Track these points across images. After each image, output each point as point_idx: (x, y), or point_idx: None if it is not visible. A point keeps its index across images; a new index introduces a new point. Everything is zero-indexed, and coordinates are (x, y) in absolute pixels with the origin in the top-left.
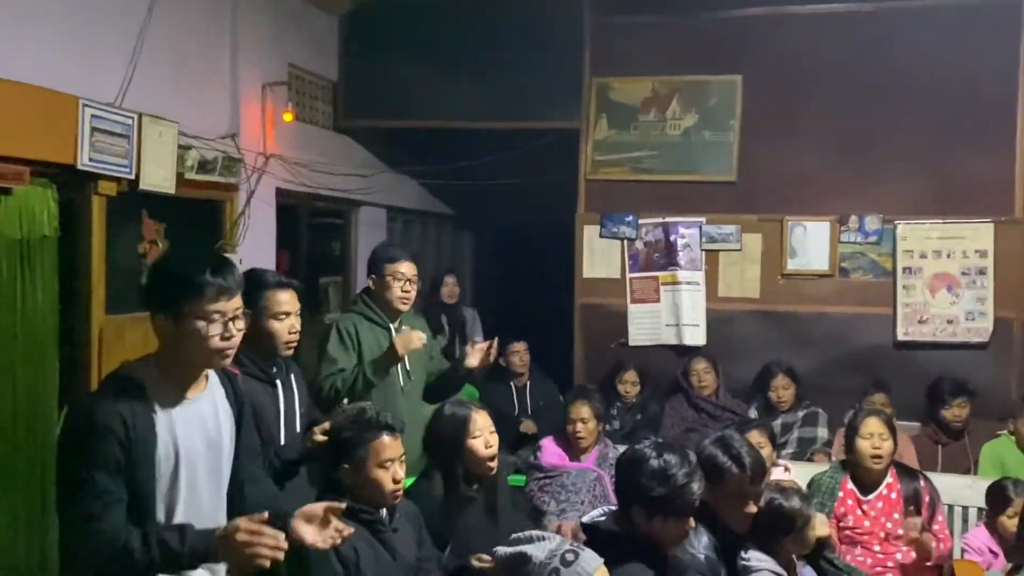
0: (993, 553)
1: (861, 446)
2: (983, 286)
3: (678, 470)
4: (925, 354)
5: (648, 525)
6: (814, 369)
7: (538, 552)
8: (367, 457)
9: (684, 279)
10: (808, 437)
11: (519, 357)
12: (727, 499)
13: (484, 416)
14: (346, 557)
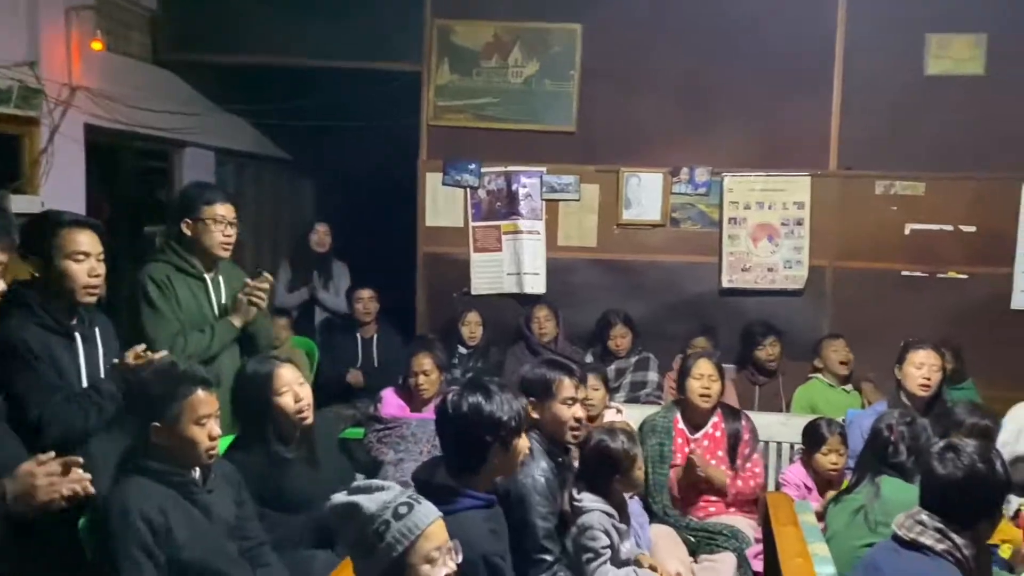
0: (807, 488)
1: (692, 386)
2: (800, 236)
3: (505, 392)
4: (747, 300)
5: (505, 455)
6: (646, 315)
7: (370, 504)
8: (181, 414)
9: (525, 228)
10: (639, 381)
11: (363, 305)
12: (559, 407)
13: (290, 369)
14: (154, 521)
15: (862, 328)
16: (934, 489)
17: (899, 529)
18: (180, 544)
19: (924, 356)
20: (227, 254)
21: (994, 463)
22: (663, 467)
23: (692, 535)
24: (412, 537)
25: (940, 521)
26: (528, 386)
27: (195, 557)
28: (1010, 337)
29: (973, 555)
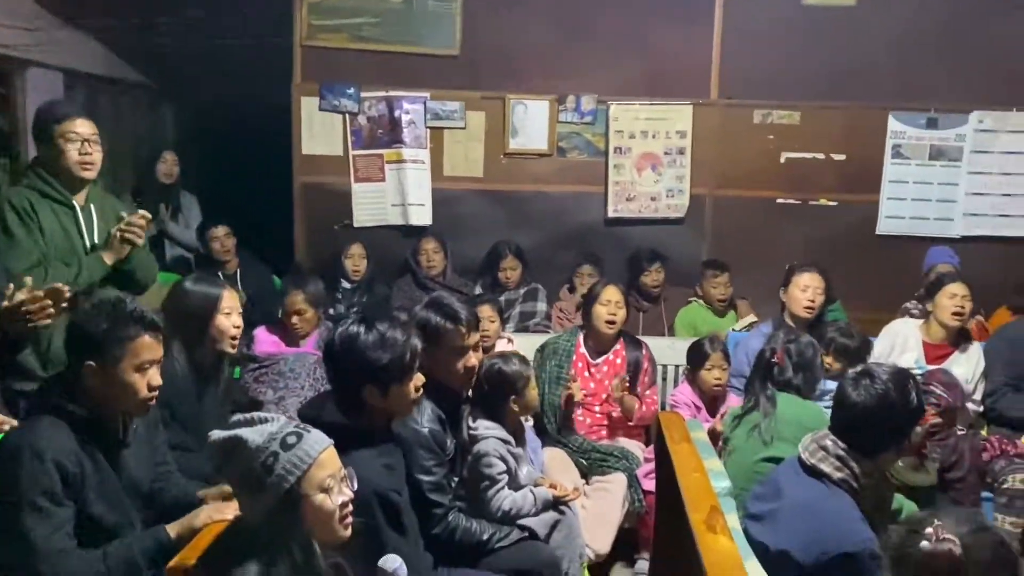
0: (697, 407)
1: (598, 312)
2: (682, 165)
3: (393, 332)
4: (631, 230)
5: (383, 400)
6: (533, 246)
7: (255, 436)
8: (123, 357)
9: (409, 157)
10: (529, 311)
11: (220, 243)
12: (448, 356)
13: (233, 294)
14: (68, 469)
15: (739, 254)
16: (844, 414)
17: (803, 452)
18: (87, 499)
19: (809, 279)
20: (89, 174)
21: (909, 392)
22: (558, 389)
23: (584, 458)
24: (304, 467)
25: (844, 448)
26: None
27: (97, 514)
28: (875, 261)
29: (871, 485)
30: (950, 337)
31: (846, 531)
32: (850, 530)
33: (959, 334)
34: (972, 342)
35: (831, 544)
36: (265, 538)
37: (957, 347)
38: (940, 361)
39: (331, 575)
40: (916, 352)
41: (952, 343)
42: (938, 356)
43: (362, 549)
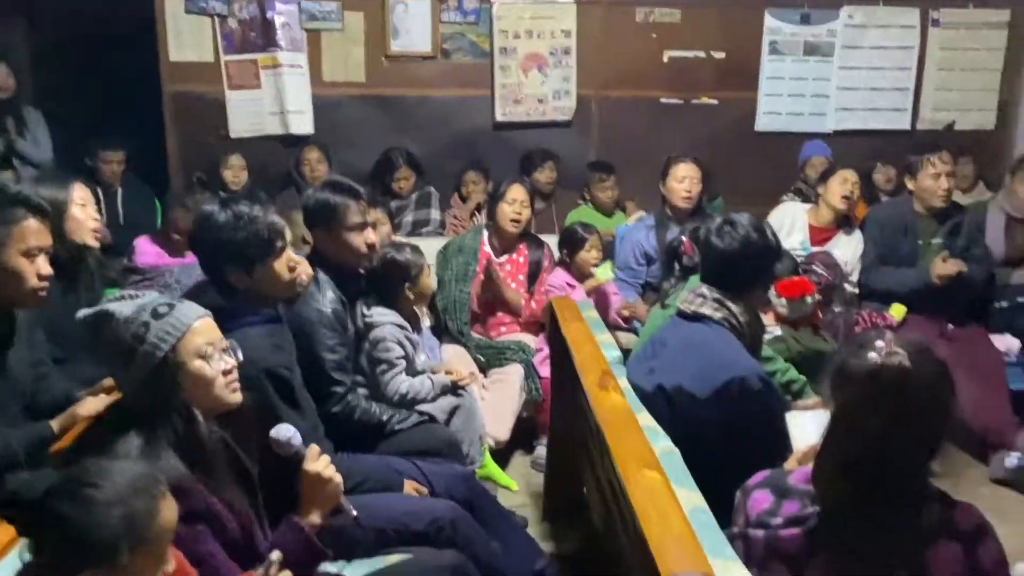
0: (571, 286)
1: (504, 210)
2: (568, 66)
3: (248, 209)
4: (520, 133)
5: (250, 280)
6: (421, 152)
7: (124, 308)
8: (7, 242)
9: (286, 62)
10: (422, 219)
11: (111, 169)
12: (349, 233)
13: (85, 188)
14: None
15: (626, 155)
16: (714, 262)
17: (682, 304)
18: None
19: (685, 169)
20: None
21: (766, 232)
22: (466, 285)
23: (481, 354)
24: (177, 334)
25: (718, 292)
26: (311, 214)
27: None
28: (755, 157)
29: (747, 321)
30: (835, 220)
31: (734, 359)
32: (737, 358)
33: (844, 218)
34: (855, 227)
35: (723, 371)
36: (145, 410)
37: (841, 230)
38: (824, 243)
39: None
40: (802, 234)
41: (836, 226)
42: (822, 239)
43: (256, 429)
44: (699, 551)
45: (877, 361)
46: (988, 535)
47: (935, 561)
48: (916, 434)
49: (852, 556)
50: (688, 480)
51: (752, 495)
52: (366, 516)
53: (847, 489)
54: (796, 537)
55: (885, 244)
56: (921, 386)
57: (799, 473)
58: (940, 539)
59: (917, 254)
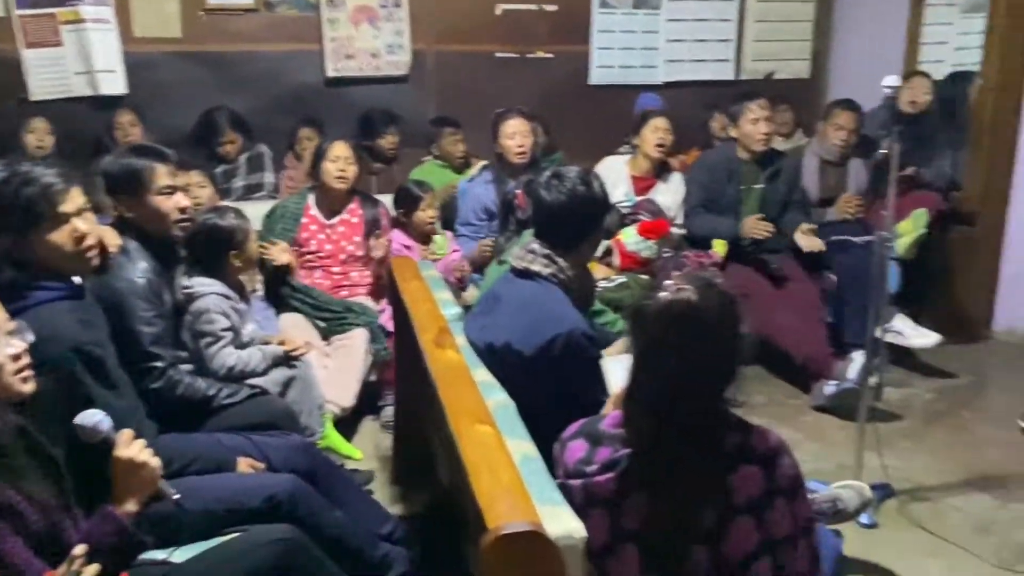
0: (407, 247)
1: (328, 169)
2: (400, 19)
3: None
4: (354, 89)
5: (31, 251)
6: (249, 111)
7: None
8: None
9: (89, 16)
10: (255, 183)
11: None
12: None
13: None
14: None
15: (464, 110)
16: (543, 215)
17: (513, 261)
18: None
19: (514, 125)
20: None
21: (593, 185)
22: None
23: (320, 318)
24: None
25: (548, 247)
26: (114, 181)
27: None
28: (589, 111)
29: (576, 275)
30: (654, 169)
31: (560, 315)
32: (563, 314)
33: (661, 166)
34: (672, 172)
35: (548, 329)
36: None
37: (660, 178)
38: (646, 192)
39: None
40: (626, 186)
41: (655, 175)
42: (644, 188)
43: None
44: (527, 501)
45: (667, 297)
46: (783, 454)
47: (737, 484)
48: (710, 365)
49: (663, 491)
50: (521, 431)
51: (568, 446)
52: (195, 498)
53: (652, 426)
54: (610, 481)
55: (711, 188)
56: (709, 317)
57: (610, 418)
58: (741, 463)
59: (740, 199)
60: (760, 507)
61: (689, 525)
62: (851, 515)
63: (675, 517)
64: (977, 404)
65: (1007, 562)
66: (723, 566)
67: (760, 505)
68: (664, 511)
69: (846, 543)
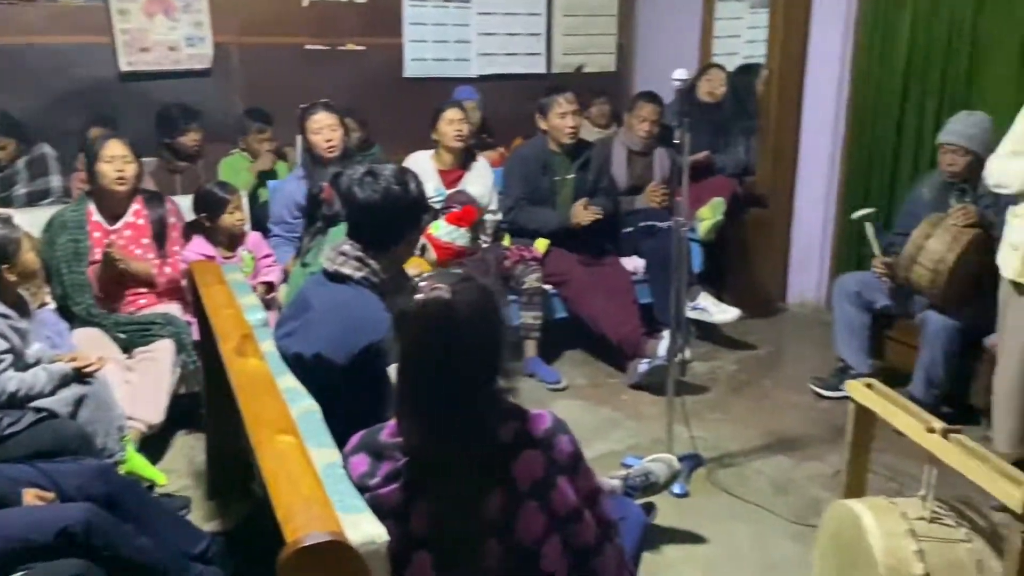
0: (209, 256)
1: (104, 171)
2: (199, 11)
3: None
4: (152, 84)
5: None
6: (31, 108)
7: None
8: None
9: None
10: (40, 190)
11: None
12: None
13: None
14: None
15: (273, 105)
16: (356, 215)
17: (325, 263)
18: None
19: (321, 119)
20: None
21: (408, 184)
22: (80, 265)
23: (122, 332)
24: None
25: (360, 249)
26: None
27: None
28: (406, 104)
29: (391, 278)
30: (458, 160)
31: (372, 322)
32: (376, 320)
33: (465, 155)
34: (477, 159)
35: (360, 337)
36: None
37: (467, 168)
38: (455, 184)
39: None
40: (435, 181)
41: (461, 166)
42: (453, 180)
43: None
44: (329, 510)
45: (421, 298)
46: (559, 434)
47: (520, 471)
48: (472, 361)
49: (445, 492)
50: (325, 438)
51: (350, 461)
52: None
53: (423, 430)
54: (394, 492)
55: (527, 181)
56: (465, 314)
57: (388, 428)
58: (522, 450)
59: (555, 189)
60: (544, 489)
61: (476, 520)
62: (663, 487)
63: (462, 516)
64: (775, 372)
65: (802, 517)
66: (515, 553)
67: (544, 487)
68: (450, 512)
69: (660, 513)
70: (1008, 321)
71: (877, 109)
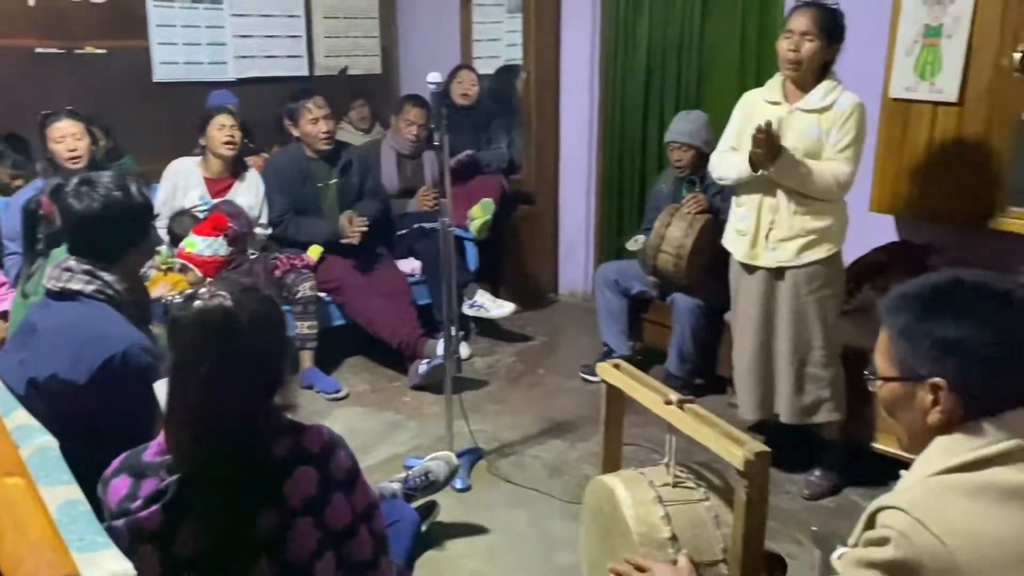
0: None
1: None
2: None
3: None
4: None
5: None
6: None
7: None
8: None
9: None
10: None
11: None
12: None
13: None
14: None
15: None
16: (76, 227)
17: (47, 283)
18: None
19: (64, 127)
20: None
21: (130, 189)
22: None
23: None
24: None
25: (88, 263)
26: None
27: None
28: (157, 110)
29: (126, 288)
30: (228, 168)
31: (112, 334)
32: (116, 332)
33: (236, 164)
34: (249, 170)
35: (97, 352)
36: None
37: (238, 178)
38: (223, 193)
39: None
40: (200, 189)
41: (232, 174)
42: (221, 189)
43: None
44: (62, 553)
45: (201, 305)
46: (337, 449)
47: (293, 488)
48: (250, 372)
49: (215, 511)
50: (63, 475)
51: (110, 485)
52: None
53: (194, 445)
54: (155, 514)
55: (287, 191)
56: (245, 323)
57: (153, 446)
58: (296, 466)
59: (319, 196)
60: (318, 505)
61: (247, 539)
62: (443, 484)
63: (232, 535)
64: (549, 361)
65: (576, 496)
66: (287, 571)
67: (318, 503)
68: (219, 531)
69: (443, 509)
70: (740, 300)
71: (625, 109)
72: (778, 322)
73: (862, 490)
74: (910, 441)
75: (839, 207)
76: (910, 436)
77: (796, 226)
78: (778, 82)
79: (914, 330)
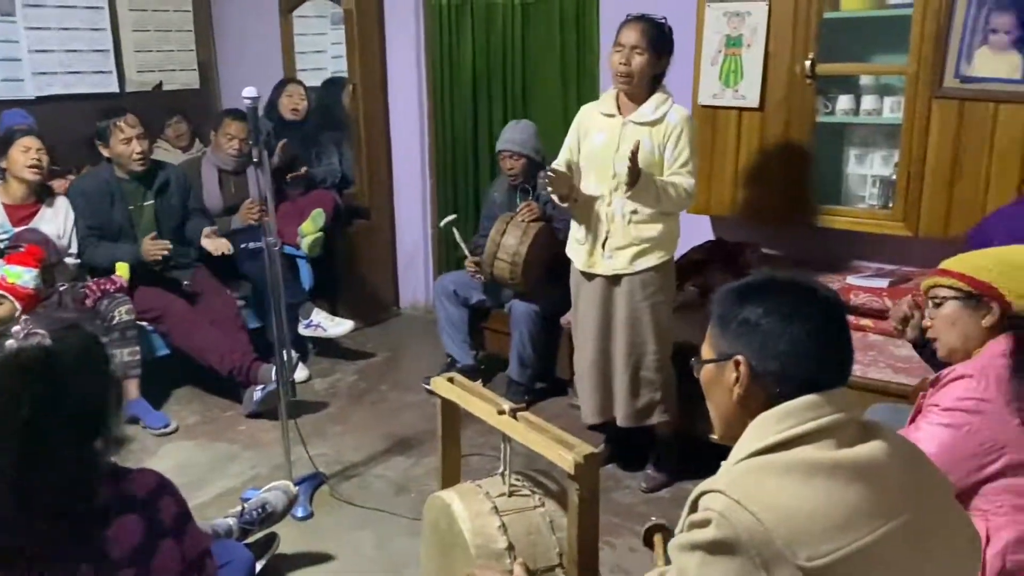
0: None
1: None
2: None
3: None
4: None
5: None
6: None
7: None
8: None
9: None
10: None
11: None
12: None
13: None
14: None
15: None
16: None
17: None
18: None
19: None
20: None
21: None
22: None
23: None
24: None
25: None
26: None
27: None
28: None
29: None
30: (33, 194)
31: None
32: None
33: (41, 189)
34: (58, 196)
35: None
36: None
37: (44, 203)
38: (27, 221)
39: None
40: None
41: (37, 200)
42: (25, 216)
43: None
44: None
45: (14, 347)
46: (164, 494)
47: (115, 537)
48: (72, 414)
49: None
50: None
51: None
52: None
53: (7, 498)
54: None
55: (95, 215)
56: (68, 364)
57: None
58: (116, 515)
59: (132, 220)
60: (143, 555)
61: None
62: (282, 514)
63: None
64: (392, 376)
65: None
66: None
67: (143, 553)
68: None
69: (284, 540)
70: (580, 306)
71: (453, 120)
72: (615, 327)
73: (696, 481)
74: (721, 424)
75: (671, 216)
76: (721, 418)
77: (631, 235)
78: (612, 95)
79: (727, 316)
